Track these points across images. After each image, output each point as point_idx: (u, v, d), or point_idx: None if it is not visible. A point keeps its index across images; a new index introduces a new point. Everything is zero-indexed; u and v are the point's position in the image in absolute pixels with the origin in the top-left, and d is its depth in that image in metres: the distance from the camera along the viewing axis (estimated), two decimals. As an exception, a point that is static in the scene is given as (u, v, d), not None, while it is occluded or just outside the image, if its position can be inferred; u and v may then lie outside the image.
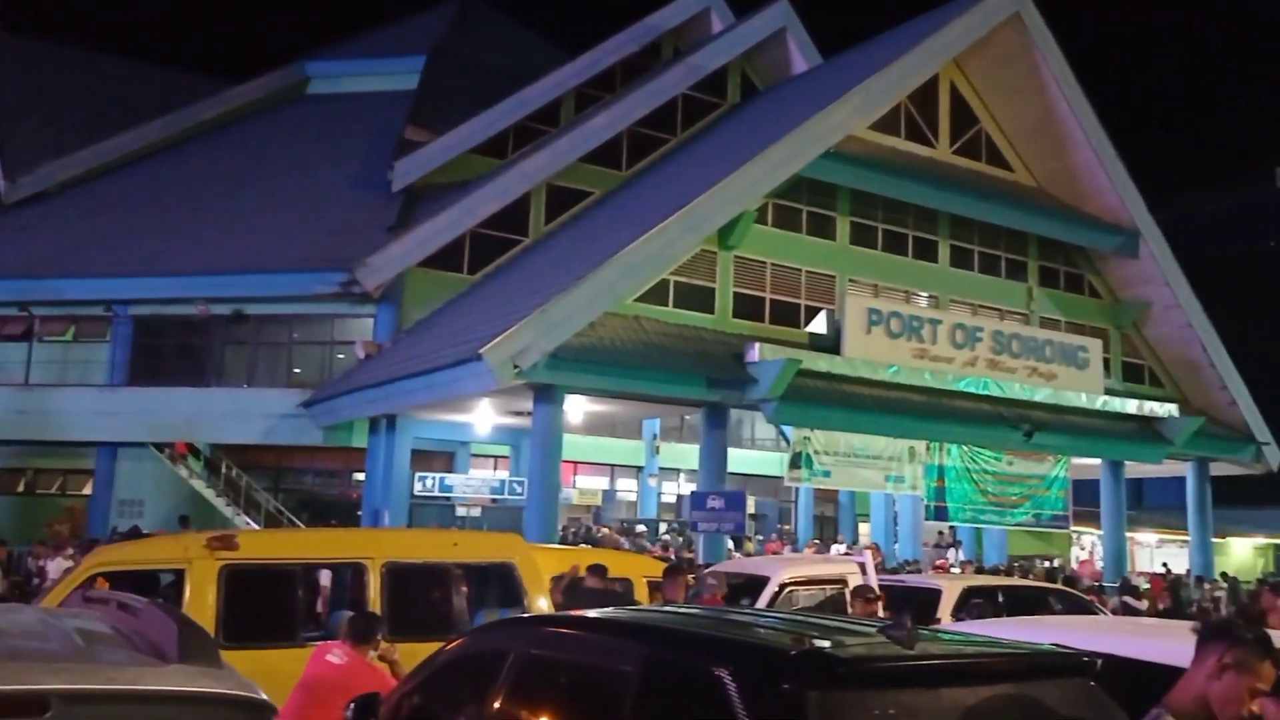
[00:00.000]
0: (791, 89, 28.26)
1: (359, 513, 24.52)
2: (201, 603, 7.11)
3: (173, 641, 2.98)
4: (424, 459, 25.21)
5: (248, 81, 33.71)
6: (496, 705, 4.05)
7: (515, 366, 17.12)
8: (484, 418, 24.30)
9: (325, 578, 9.60)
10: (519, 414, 22.30)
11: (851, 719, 3.03)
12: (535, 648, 4.19)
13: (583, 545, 19.39)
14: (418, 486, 22.79)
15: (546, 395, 18.65)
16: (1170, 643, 3.39)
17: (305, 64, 34.19)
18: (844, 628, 3.82)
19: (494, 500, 23.76)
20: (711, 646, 3.61)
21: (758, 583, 10.27)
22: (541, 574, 8.50)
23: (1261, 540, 39.42)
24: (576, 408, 22.38)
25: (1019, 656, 3.62)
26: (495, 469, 28.67)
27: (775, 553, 22.00)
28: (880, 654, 3.27)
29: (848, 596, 9.43)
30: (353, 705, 4.84)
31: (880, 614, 8.04)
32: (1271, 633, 5.14)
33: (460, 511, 22.30)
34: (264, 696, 2.95)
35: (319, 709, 5.59)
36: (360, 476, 25.40)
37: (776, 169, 20.99)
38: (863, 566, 9.87)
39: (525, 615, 7.09)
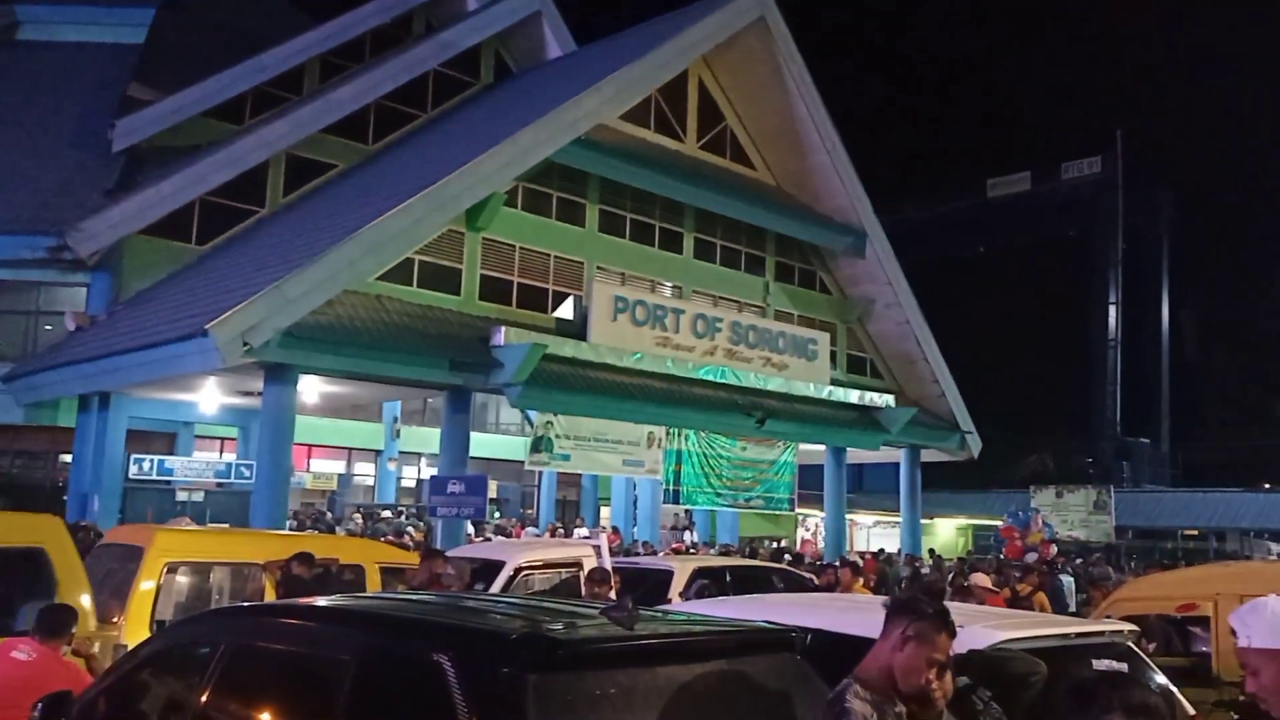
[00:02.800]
0: (545, 73, 28.26)
1: (65, 498, 22.56)
2: None
3: None
4: (141, 440, 23.47)
5: (-56, 21, 30.22)
6: (203, 700, 3.83)
7: (245, 344, 16.23)
8: (210, 397, 22.97)
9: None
10: (249, 394, 21.21)
11: (571, 700, 3.05)
12: (247, 639, 4.00)
13: (310, 531, 18.65)
14: (133, 470, 21.17)
15: (279, 375, 17.81)
16: (869, 617, 3.57)
17: (14, 5, 30.93)
18: (567, 610, 3.84)
19: (219, 484, 22.45)
20: (430, 632, 3.55)
21: (493, 567, 10.18)
22: (77, 564, 7.33)
23: (963, 521, 43.17)
24: (312, 388, 21.55)
25: (731, 634, 3.73)
26: (222, 451, 27.15)
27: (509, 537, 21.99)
28: (600, 635, 3.31)
29: (582, 579, 9.50)
30: (40, 705, 4.46)
31: (613, 596, 8.15)
32: (976, 608, 5.52)
33: (181, 496, 20.93)
34: None
35: (4, 711, 5.09)
36: (68, 458, 23.40)
37: (527, 153, 20.91)
38: (598, 550, 9.91)
39: (239, 605, 6.72)
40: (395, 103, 27.19)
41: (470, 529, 20.45)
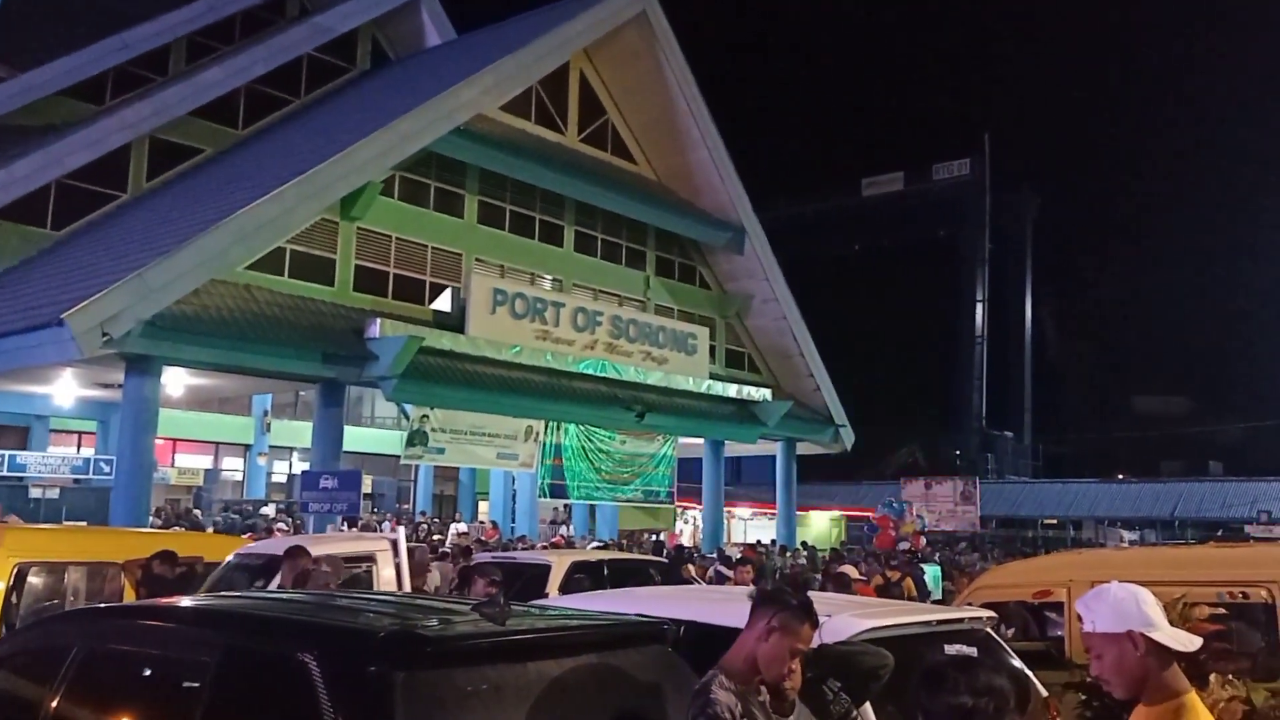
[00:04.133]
0: (423, 61, 27.82)
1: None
2: None
3: None
4: (-8, 435, 22.37)
5: None
6: (53, 706, 3.65)
7: (105, 334, 15.55)
8: (66, 389, 21.97)
9: None
10: (109, 386, 20.36)
11: (441, 697, 3.02)
12: (101, 641, 3.83)
13: (176, 528, 17.99)
14: (-18, 466, 20.17)
15: (141, 366, 17.14)
16: (740, 608, 3.62)
17: None
18: (438, 607, 3.83)
19: (76, 480, 21.51)
20: (294, 631, 3.47)
21: (275, 563, 9.65)
22: None
23: (836, 512, 44.19)
24: (177, 381, 20.84)
25: (602, 627, 3.75)
26: (79, 446, 26.00)
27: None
28: (470, 631, 3.30)
29: (376, 575, 8.97)
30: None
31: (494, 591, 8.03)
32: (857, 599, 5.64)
33: (35, 493, 19.98)
34: None
35: None
36: (-91, 455, 22.09)
37: (405, 141, 20.56)
38: (395, 544, 9.13)
39: (93, 606, 6.45)
40: (267, 87, 26.36)
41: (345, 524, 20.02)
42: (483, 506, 29.87)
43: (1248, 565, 6.80)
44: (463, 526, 24.37)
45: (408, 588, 8.46)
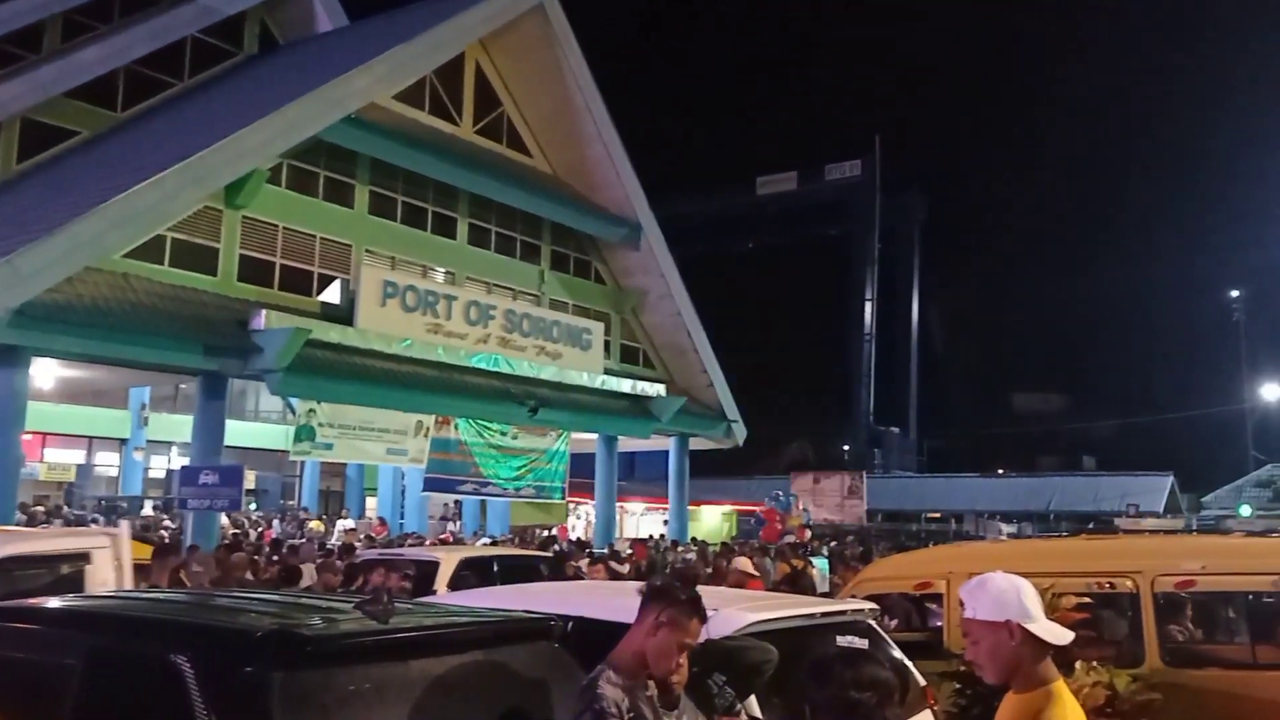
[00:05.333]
0: (314, 47, 27.18)
1: None
2: None
3: None
4: None
5: None
6: (-96, 719, 3.46)
7: (-31, 323, 14.83)
8: (-74, 381, 20.85)
9: None
10: (-26, 378, 19.38)
11: (321, 697, 2.97)
12: (-43, 647, 3.62)
13: (44, 525, 17.25)
14: None
15: (8, 357, 16.36)
16: (629, 604, 3.64)
17: None
18: (319, 606, 3.76)
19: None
20: (165, 632, 3.38)
21: None
22: None
23: (728, 507, 44.70)
24: (48, 372, 20.02)
25: (488, 625, 3.73)
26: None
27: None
28: (350, 630, 3.25)
29: (90, 576, 7.34)
30: None
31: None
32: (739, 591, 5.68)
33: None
34: None
35: None
36: None
37: (293, 129, 20.05)
38: (115, 540, 7.59)
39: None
40: (148, 69, 25.37)
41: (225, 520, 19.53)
42: (371, 502, 29.37)
43: (1115, 557, 7.08)
44: (350, 523, 23.93)
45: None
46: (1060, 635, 2.85)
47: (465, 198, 25.62)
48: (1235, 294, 51.39)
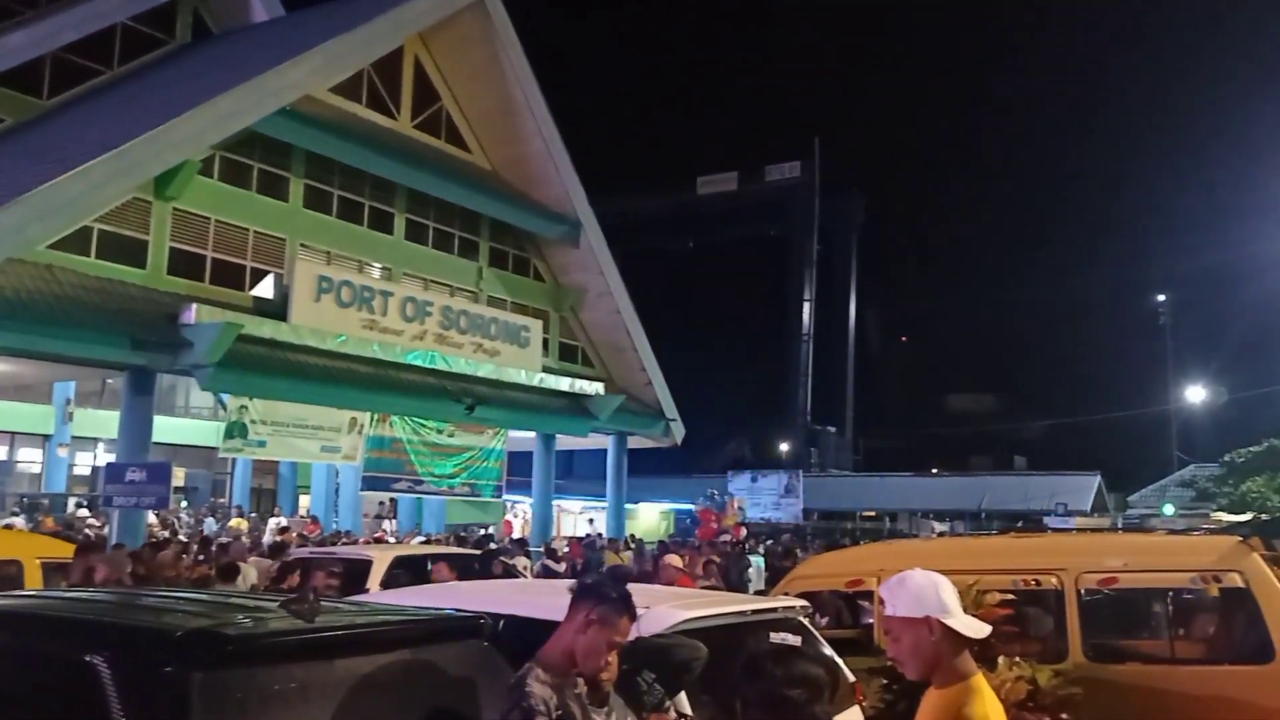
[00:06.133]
0: (249, 37, 26.68)
1: None
2: None
3: None
4: None
5: None
6: None
7: (-117, 314, 14.35)
8: None
9: None
10: (-111, 371, 18.80)
11: (242, 697, 2.93)
12: None
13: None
14: None
15: (-74, 350, 15.90)
16: (560, 602, 3.63)
17: None
18: (244, 604, 3.73)
19: None
20: (82, 631, 3.31)
21: None
22: None
23: (666, 506, 44.85)
24: (-32, 366, 19.39)
25: (417, 623, 3.70)
26: None
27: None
28: (274, 629, 3.21)
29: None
30: None
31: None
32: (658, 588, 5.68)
33: None
34: None
35: None
36: None
37: (226, 120, 19.67)
38: None
39: None
40: (76, 56, 24.72)
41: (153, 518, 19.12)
42: (304, 500, 28.96)
43: (1041, 554, 7.22)
44: (283, 521, 23.59)
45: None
46: (977, 629, 2.89)
47: (403, 192, 25.37)
48: (1162, 298, 52.67)
